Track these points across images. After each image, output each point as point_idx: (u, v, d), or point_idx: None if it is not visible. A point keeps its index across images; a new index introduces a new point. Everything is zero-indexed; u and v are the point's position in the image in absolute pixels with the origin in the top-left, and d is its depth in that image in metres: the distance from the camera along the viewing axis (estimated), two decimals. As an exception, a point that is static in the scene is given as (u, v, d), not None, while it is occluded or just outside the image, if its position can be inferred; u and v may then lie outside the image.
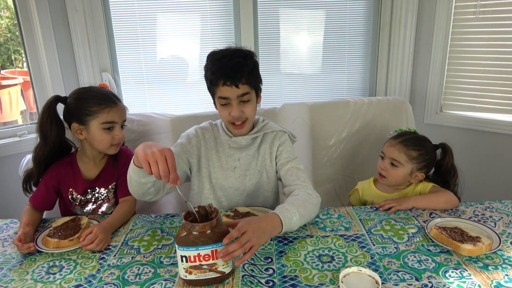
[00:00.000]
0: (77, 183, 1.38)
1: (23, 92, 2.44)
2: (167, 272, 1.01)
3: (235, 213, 1.24)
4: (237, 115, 1.29)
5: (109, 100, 1.34)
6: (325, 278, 0.95)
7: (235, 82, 1.24)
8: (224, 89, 1.26)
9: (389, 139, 1.50)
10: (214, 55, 1.30)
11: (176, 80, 2.26)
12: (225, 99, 1.28)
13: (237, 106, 1.28)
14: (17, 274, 1.03)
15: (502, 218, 1.22)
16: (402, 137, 1.46)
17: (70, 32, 2.03)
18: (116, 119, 1.35)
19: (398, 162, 1.42)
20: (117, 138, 1.35)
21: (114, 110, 1.34)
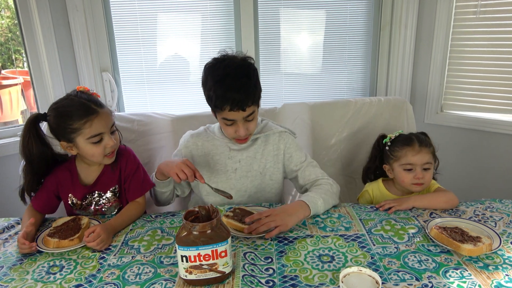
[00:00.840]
0: (76, 189, 1.35)
1: (23, 92, 2.44)
2: (167, 272, 1.01)
3: (234, 213, 1.24)
4: (243, 134, 1.29)
5: (88, 112, 1.21)
6: (325, 278, 0.95)
7: (243, 107, 1.22)
8: (230, 113, 1.24)
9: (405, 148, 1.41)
10: (215, 71, 1.25)
11: (176, 80, 2.26)
12: (231, 121, 1.27)
13: (243, 125, 1.28)
14: (17, 274, 1.03)
15: (503, 218, 1.22)
16: (414, 141, 1.42)
17: (71, 32, 2.02)
18: (101, 129, 1.23)
19: (430, 164, 1.40)
20: (108, 148, 1.26)
21: (96, 121, 1.22)
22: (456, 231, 1.08)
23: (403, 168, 1.41)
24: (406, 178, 1.40)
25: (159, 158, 1.77)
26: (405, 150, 1.41)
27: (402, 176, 1.41)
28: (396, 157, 1.43)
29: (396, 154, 1.43)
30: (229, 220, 1.19)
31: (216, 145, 1.42)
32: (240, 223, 1.18)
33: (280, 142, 1.43)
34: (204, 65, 1.29)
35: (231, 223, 1.18)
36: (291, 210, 1.20)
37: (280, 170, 1.44)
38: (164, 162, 1.34)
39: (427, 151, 1.40)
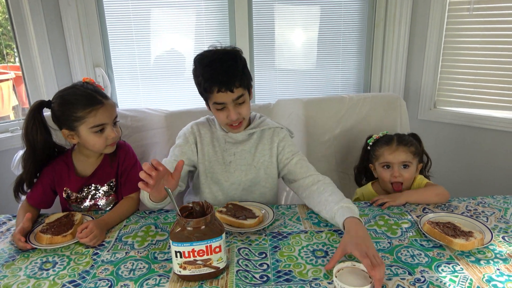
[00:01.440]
0: (71, 181, 1.35)
1: (15, 87, 2.41)
2: (161, 267, 1.01)
3: (227, 209, 1.24)
4: (235, 118, 1.30)
5: (94, 102, 1.24)
6: (319, 273, 0.96)
7: (230, 87, 1.23)
8: (219, 95, 1.25)
9: (381, 148, 1.47)
10: (203, 59, 1.27)
11: (170, 76, 2.25)
12: (221, 104, 1.28)
13: (234, 109, 1.29)
14: (10, 270, 1.02)
15: (494, 213, 1.24)
16: (393, 140, 1.47)
17: (63, 27, 2.01)
18: (105, 120, 1.26)
19: (408, 162, 1.43)
20: (110, 138, 1.28)
21: (101, 111, 1.25)
22: (448, 226, 1.09)
23: (381, 166, 1.47)
24: (385, 177, 1.46)
25: (153, 154, 1.76)
26: (383, 149, 1.47)
27: (381, 174, 1.47)
28: (376, 156, 1.49)
29: (376, 154, 1.49)
30: (223, 215, 1.19)
31: (216, 136, 1.43)
32: (233, 218, 1.18)
33: (274, 136, 1.43)
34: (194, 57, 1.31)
35: (225, 219, 1.18)
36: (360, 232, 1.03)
37: (274, 165, 1.44)
38: None
39: (405, 150, 1.43)
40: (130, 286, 0.93)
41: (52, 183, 1.35)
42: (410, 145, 1.46)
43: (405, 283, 0.91)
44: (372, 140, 1.55)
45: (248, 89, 1.32)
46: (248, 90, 1.32)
